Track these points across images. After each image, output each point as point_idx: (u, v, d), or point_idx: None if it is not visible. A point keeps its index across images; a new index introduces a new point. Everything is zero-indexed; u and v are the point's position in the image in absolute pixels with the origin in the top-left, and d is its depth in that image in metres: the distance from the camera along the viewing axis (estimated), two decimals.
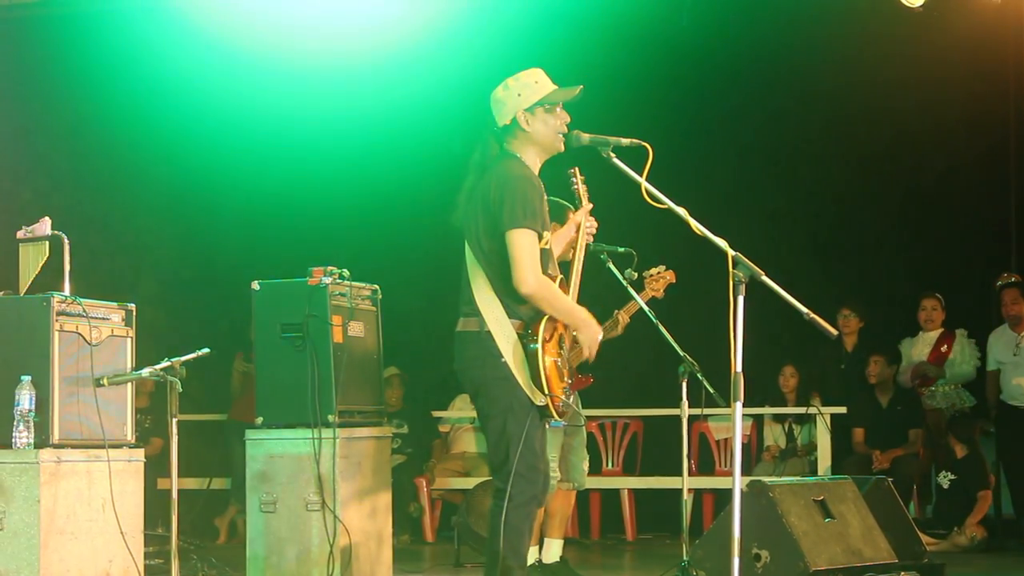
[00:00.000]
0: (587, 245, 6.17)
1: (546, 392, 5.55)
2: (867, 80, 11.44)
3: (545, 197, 5.75)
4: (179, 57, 11.37)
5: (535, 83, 5.75)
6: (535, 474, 5.61)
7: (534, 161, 5.78)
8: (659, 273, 7.75)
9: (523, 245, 5.55)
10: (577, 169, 6.19)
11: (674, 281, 7.78)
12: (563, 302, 5.70)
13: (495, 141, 5.77)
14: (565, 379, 5.72)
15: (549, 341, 5.62)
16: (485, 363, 5.61)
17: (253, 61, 11.26)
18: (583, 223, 6.11)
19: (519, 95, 5.72)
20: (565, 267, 6.00)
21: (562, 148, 5.78)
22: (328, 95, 11.49)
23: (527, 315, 5.63)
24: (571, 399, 5.81)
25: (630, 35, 11.43)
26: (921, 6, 9.75)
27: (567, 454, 7.86)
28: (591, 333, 5.78)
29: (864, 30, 11.11)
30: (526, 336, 5.59)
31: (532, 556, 7.94)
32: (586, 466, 8.07)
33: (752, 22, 11.37)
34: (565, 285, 5.85)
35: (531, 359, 5.56)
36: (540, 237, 5.64)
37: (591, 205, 6.22)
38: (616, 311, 7.84)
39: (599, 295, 6.99)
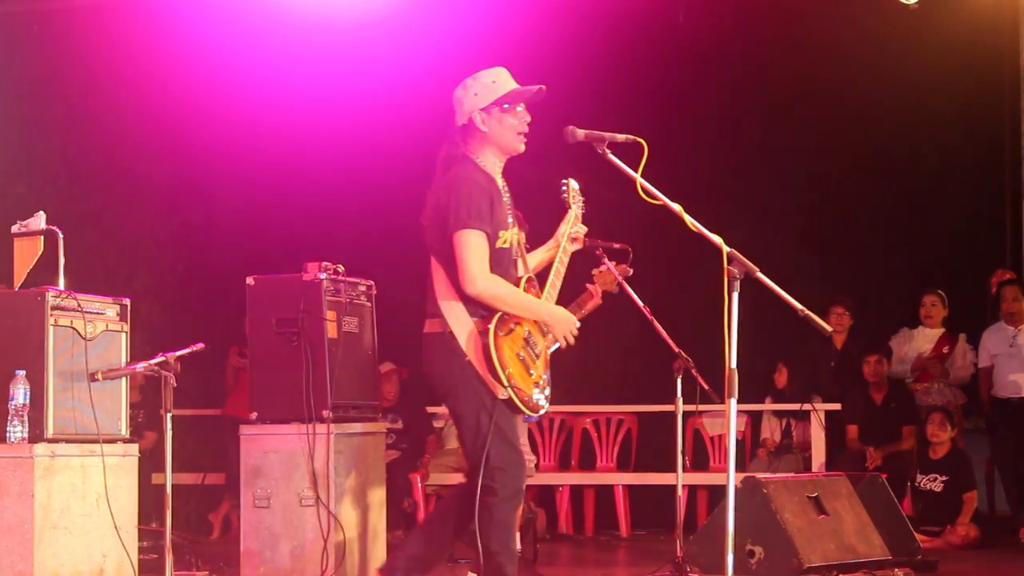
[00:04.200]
0: (567, 247, 6.13)
1: (506, 385, 5.56)
2: (862, 77, 11.45)
3: (503, 198, 5.77)
4: (174, 52, 11.36)
5: (492, 83, 5.77)
6: (516, 468, 5.66)
7: (493, 162, 5.80)
8: (607, 270, 7.76)
9: (468, 245, 5.60)
10: (570, 181, 6.19)
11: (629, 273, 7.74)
12: (518, 299, 5.72)
13: (458, 140, 5.80)
14: (536, 373, 5.73)
15: (507, 336, 5.64)
16: (451, 363, 5.66)
17: (248, 56, 11.27)
18: (567, 230, 6.09)
19: (476, 95, 5.76)
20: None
21: (521, 149, 5.80)
22: (324, 91, 11.48)
23: (488, 313, 5.65)
24: (548, 396, 5.82)
25: (627, 32, 11.43)
26: (917, 3, 9.76)
27: None
28: (562, 326, 5.80)
29: (860, 27, 11.13)
30: (484, 332, 5.61)
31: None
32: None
33: (748, 19, 11.38)
34: (534, 284, 5.87)
35: (486, 353, 5.59)
36: (496, 237, 5.67)
37: (580, 213, 6.18)
38: (587, 284, 7.79)
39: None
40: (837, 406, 10.84)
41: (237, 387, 11.25)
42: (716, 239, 5.08)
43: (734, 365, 4.97)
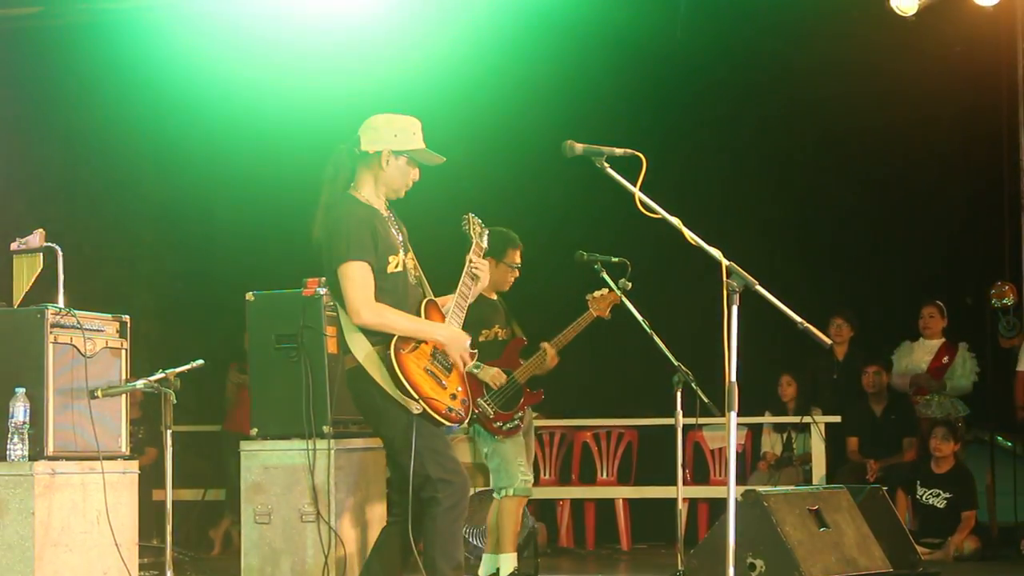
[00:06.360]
0: (471, 272, 6.12)
1: (416, 398, 5.60)
2: (860, 89, 11.47)
3: (389, 225, 5.84)
4: (173, 68, 11.37)
5: (413, 134, 5.90)
6: (456, 476, 5.71)
7: (376, 195, 5.90)
8: (602, 295, 7.81)
9: (351, 277, 5.68)
10: (471, 215, 6.22)
11: (618, 302, 7.78)
12: (408, 323, 5.76)
13: (348, 162, 5.90)
14: (449, 385, 5.77)
15: (411, 352, 5.69)
16: (371, 393, 5.72)
17: (247, 72, 11.27)
18: (469, 260, 6.11)
19: (395, 136, 5.87)
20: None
21: (402, 195, 5.94)
22: (322, 106, 11.48)
23: (387, 337, 5.70)
24: (469, 406, 5.84)
25: (626, 47, 11.45)
26: (914, 14, 9.78)
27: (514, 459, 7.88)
28: (455, 346, 5.83)
29: (857, 39, 11.13)
30: (387, 353, 5.66)
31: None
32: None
33: (746, 33, 11.40)
34: (436, 307, 5.90)
35: (391, 372, 5.64)
36: (387, 262, 5.74)
37: (483, 247, 6.19)
38: (542, 343, 7.83)
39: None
40: (837, 418, 10.83)
41: (237, 403, 11.26)
42: (715, 252, 5.08)
43: (734, 378, 4.97)
